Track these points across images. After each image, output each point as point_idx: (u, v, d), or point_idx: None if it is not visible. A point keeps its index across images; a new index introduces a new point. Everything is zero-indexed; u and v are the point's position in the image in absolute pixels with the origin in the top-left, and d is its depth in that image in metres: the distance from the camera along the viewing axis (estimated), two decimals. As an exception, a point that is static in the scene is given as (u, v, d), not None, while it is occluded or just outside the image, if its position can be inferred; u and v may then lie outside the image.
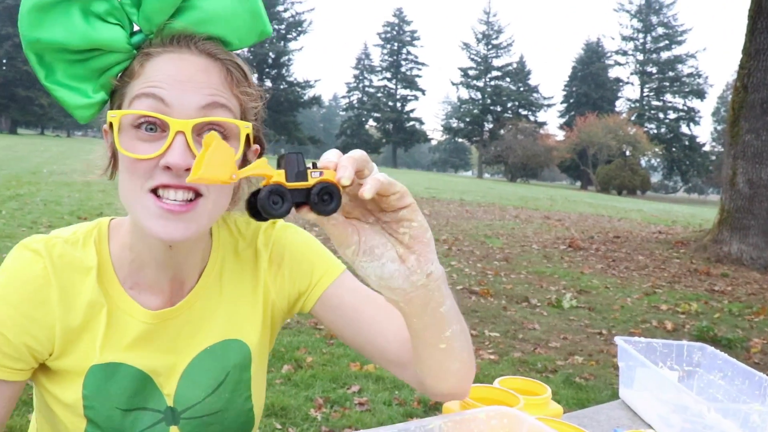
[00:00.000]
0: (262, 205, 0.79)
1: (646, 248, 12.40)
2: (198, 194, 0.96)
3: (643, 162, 66.83)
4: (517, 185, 51.63)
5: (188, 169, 0.90)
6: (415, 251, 0.90)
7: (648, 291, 8.34)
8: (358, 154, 0.84)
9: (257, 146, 1.08)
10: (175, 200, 0.94)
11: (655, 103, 72.37)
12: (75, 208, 11.29)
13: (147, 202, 0.95)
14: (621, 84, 77.11)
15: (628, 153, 59.33)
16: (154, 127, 0.94)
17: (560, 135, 71.65)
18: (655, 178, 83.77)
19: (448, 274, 8.27)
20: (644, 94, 73.15)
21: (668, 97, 71.62)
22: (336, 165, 0.82)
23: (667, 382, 1.33)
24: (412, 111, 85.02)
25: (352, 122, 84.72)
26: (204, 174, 0.77)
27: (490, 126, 76.81)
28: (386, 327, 1.16)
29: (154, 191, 0.94)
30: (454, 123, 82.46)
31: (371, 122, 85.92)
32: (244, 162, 1.03)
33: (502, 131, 70.99)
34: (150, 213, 0.95)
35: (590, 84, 75.45)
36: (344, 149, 0.87)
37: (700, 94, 69.40)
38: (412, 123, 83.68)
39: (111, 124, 0.96)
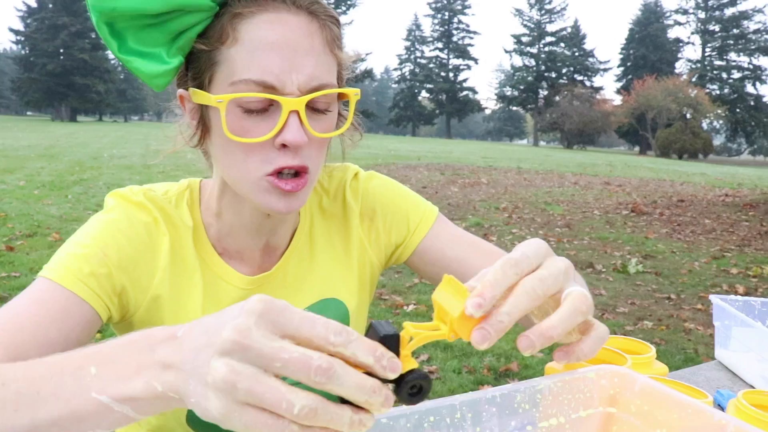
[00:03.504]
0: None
1: (712, 211, 12.07)
2: (305, 170, 0.92)
3: (704, 124, 64.82)
4: (574, 152, 50.77)
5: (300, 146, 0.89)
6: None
7: (716, 255, 8.12)
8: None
9: None
10: (289, 174, 0.90)
11: (717, 62, 69.66)
12: (138, 188, 11.48)
13: (264, 184, 0.90)
14: (681, 45, 74.53)
15: (688, 116, 57.64)
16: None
17: (617, 99, 70.22)
18: (718, 140, 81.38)
19: (510, 242, 8.20)
20: (706, 54, 70.55)
21: (732, 55, 68.70)
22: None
23: (772, 341, 1.27)
24: (464, 81, 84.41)
25: (405, 94, 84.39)
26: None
27: (545, 93, 75.59)
28: None
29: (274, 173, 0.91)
30: (508, 91, 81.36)
31: (424, 93, 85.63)
32: (344, 125, 0.99)
33: (557, 98, 69.68)
34: (268, 192, 0.91)
35: (648, 46, 73.36)
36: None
37: (768, 51, 66.50)
38: (465, 93, 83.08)
39: (198, 104, 0.93)
